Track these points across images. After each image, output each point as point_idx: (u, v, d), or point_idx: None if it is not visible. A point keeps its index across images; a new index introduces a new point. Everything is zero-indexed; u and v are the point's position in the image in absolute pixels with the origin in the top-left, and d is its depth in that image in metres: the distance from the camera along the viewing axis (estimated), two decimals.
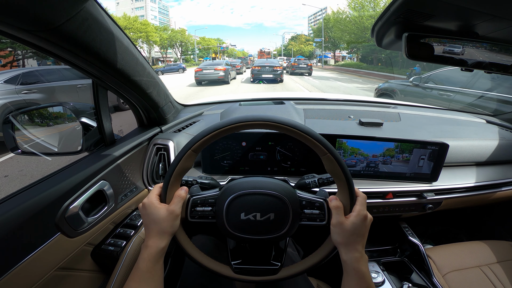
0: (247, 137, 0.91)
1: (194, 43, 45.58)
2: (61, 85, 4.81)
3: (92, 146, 0.79)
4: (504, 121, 1.27)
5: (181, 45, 42.82)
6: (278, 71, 12.65)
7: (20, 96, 4.09)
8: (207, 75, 12.25)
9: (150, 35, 32.48)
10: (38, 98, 4.29)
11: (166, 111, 1.03)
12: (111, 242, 0.75)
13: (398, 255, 1.08)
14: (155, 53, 42.42)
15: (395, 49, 0.74)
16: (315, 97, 1.64)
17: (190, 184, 0.60)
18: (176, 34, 41.07)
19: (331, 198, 0.52)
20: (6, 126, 0.73)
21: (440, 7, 0.54)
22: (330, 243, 0.53)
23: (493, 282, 0.84)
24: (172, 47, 41.97)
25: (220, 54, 53.09)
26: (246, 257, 0.57)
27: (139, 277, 0.47)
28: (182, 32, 43.10)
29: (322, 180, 0.61)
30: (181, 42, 41.98)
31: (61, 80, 4.85)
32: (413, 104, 1.53)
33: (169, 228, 0.50)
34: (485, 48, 0.62)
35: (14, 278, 0.51)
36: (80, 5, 0.47)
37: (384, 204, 0.92)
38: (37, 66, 10.19)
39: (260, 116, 0.49)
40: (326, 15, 33.56)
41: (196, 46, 46.71)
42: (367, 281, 0.48)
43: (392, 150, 0.87)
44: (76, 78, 4.97)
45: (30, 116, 0.82)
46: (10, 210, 0.53)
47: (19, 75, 4.26)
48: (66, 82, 4.89)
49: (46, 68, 5.59)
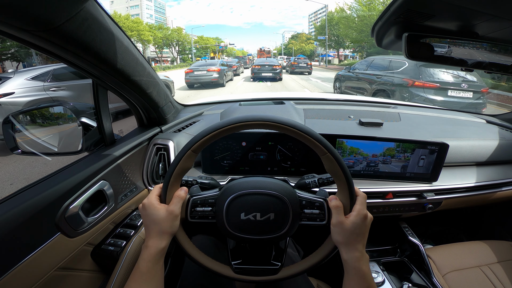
0: (247, 137, 0.91)
1: (191, 42, 44.36)
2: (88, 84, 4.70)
3: (92, 146, 0.79)
4: (504, 121, 1.27)
5: (178, 44, 41.45)
6: (277, 69, 12.94)
7: (47, 93, 3.97)
8: (199, 77, 10.66)
9: (143, 34, 31.26)
10: (64, 95, 4.16)
11: (166, 111, 1.03)
12: (111, 242, 0.75)
13: (398, 255, 1.08)
14: (151, 52, 41.67)
15: (395, 49, 0.74)
16: (315, 97, 1.64)
17: (190, 184, 0.60)
18: (172, 33, 39.54)
19: (331, 198, 0.52)
20: (6, 126, 0.73)
21: (440, 7, 0.54)
22: (330, 242, 0.53)
23: (493, 282, 0.84)
24: (168, 47, 40.77)
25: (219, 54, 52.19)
26: (246, 257, 0.57)
27: (139, 277, 0.48)
28: (179, 30, 41.62)
29: (322, 180, 0.61)
30: (177, 41, 40.61)
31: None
32: (413, 104, 1.53)
33: (169, 228, 0.50)
34: (485, 48, 0.62)
35: (14, 278, 0.51)
36: (80, 5, 0.47)
37: (384, 204, 0.92)
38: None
39: (260, 116, 0.49)
40: (329, 12, 32.34)
41: (193, 45, 45.44)
42: (368, 281, 0.48)
43: (392, 150, 0.87)
44: None
45: (30, 116, 0.82)
46: (10, 210, 0.53)
47: (50, 71, 4.15)
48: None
49: None
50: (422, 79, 4.55)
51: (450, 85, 4.49)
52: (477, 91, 4.57)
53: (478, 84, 4.62)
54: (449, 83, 4.53)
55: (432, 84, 4.46)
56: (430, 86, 4.45)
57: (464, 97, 4.55)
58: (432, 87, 4.47)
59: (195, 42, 49.41)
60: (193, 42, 45.81)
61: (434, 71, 4.62)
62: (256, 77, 13.06)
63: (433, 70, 4.61)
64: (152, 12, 62.77)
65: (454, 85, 4.50)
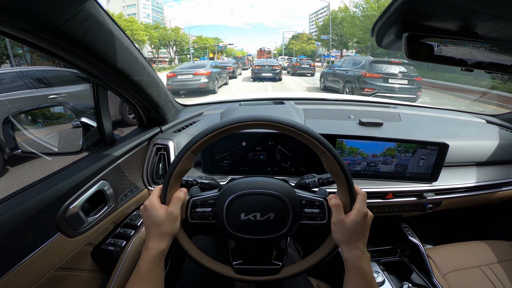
0: (247, 137, 0.91)
1: (189, 42, 42.86)
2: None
3: (92, 146, 0.79)
4: (504, 121, 1.27)
5: (175, 44, 39.94)
6: (277, 70, 13.06)
7: None
8: (184, 82, 8.48)
9: (136, 33, 29.62)
10: None
11: (166, 111, 1.03)
12: (111, 242, 0.75)
13: (398, 255, 1.08)
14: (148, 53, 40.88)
15: (395, 49, 0.74)
16: (315, 97, 1.64)
17: (190, 184, 0.60)
18: (169, 32, 37.99)
19: (331, 197, 0.52)
20: (6, 126, 0.73)
21: (440, 7, 0.53)
22: (331, 241, 0.53)
23: (493, 282, 0.84)
24: (165, 47, 39.47)
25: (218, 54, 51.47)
26: (247, 257, 0.57)
27: (139, 279, 0.48)
28: (176, 30, 40.23)
29: (322, 180, 0.61)
30: (175, 41, 39.12)
31: None
32: (413, 104, 1.53)
33: (169, 230, 0.50)
34: (485, 48, 0.62)
35: (14, 278, 0.51)
36: (80, 5, 0.47)
37: (384, 204, 0.92)
38: None
39: (259, 116, 0.49)
40: (333, 11, 30.95)
41: (191, 45, 43.80)
42: (368, 279, 0.48)
43: (392, 150, 0.87)
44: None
45: (30, 116, 0.82)
46: (10, 210, 0.53)
47: None
48: None
49: None
50: (372, 71, 6.67)
51: (390, 75, 6.57)
52: (411, 79, 6.54)
53: (412, 74, 6.60)
54: (390, 73, 6.58)
55: (377, 75, 6.61)
56: (375, 76, 6.62)
57: (401, 83, 6.53)
58: (377, 77, 6.60)
59: (194, 42, 48.47)
60: (191, 42, 44.70)
61: (380, 66, 6.72)
62: (256, 77, 13.13)
63: (380, 65, 6.75)
64: (150, 12, 61.48)
65: (393, 75, 6.55)
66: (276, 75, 13.00)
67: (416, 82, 6.58)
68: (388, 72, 6.59)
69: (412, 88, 6.54)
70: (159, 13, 65.48)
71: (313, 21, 79.93)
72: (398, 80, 6.51)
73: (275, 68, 13.03)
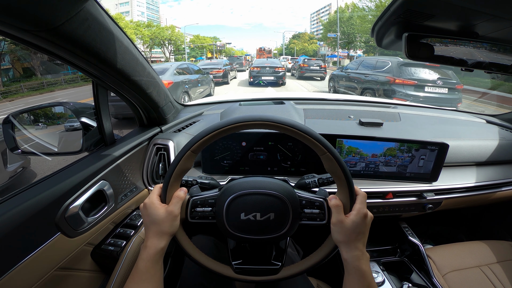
0: (247, 137, 0.91)
1: (184, 41, 40.70)
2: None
3: (92, 146, 0.79)
4: (504, 121, 1.27)
5: (170, 43, 37.80)
6: (280, 72, 10.67)
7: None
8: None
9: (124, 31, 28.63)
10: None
11: (166, 111, 1.03)
12: (111, 242, 0.75)
13: (398, 255, 1.08)
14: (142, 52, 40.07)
15: (395, 49, 0.74)
16: (315, 97, 1.64)
17: (190, 184, 0.60)
18: (162, 31, 35.54)
19: (331, 197, 0.52)
20: (6, 126, 0.73)
21: (440, 7, 0.54)
22: (330, 242, 0.53)
23: (493, 282, 0.84)
24: (160, 46, 37.36)
25: (217, 54, 48.84)
26: (247, 257, 0.57)
27: (138, 277, 0.48)
28: (171, 29, 38.08)
29: (322, 180, 0.61)
30: (169, 40, 36.89)
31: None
32: (413, 104, 1.53)
33: (168, 228, 0.50)
34: (485, 48, 0.62)
35: (14, 278, 0.51)
36: (80, 5, 0.47)
37: (384, 204, 0.92)
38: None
39: (259, 116, 0.49)
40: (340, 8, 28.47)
41: (187, 44, 41.40)
42: (368, 280, 0.48)
43: (392, 150, 0.87)
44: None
45: (30, 116, 0.82)
46: (10, 210, 0.53)
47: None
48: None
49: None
50: (402, 77, 5.17)
51: (427, 82, 5.06)
52: (451, 88, 5.12)
53: (452, 81, 5.18)
54: (426, 80, 5.09)
55: (410, 82, 5.08)
56: (409, 83, 5.08)
57: (440, 92, 5.09)
58: (411, 84, 5.06)
59: (190, 41, 46.93)
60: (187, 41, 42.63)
61: (413, 70, 5.19)
62: (255, 81, 10.90)
63: (412, 69, 5.20)
64: (144, 10, 59.30)
65: (431, 82, 5.08)
66: (278, 79, 10.67)
67: (457, 90, 5.19)
68: (424, 78, 5.10)
69: (453, 99, 5.12)
70: (155, 11, 63.65)
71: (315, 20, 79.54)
72: (437, 88, 5.04)
73: (278, 70, 10.66)
